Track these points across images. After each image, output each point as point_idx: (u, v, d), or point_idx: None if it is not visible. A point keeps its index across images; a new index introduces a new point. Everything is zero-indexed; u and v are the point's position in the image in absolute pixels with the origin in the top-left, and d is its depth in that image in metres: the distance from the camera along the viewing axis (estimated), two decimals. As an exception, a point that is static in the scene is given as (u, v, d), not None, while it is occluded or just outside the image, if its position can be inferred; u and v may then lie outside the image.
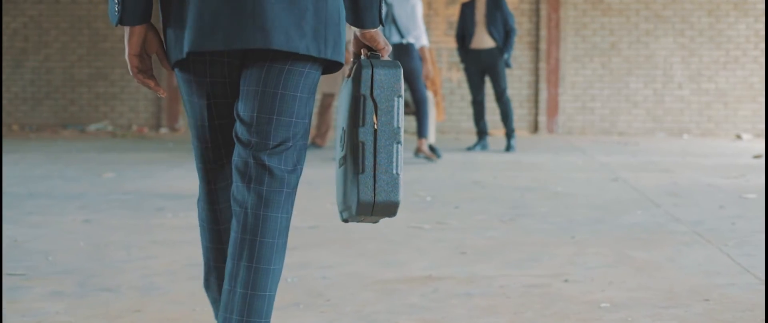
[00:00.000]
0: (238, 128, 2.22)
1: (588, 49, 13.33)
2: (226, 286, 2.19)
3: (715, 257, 4.08)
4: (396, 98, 2.26)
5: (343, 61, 2.33)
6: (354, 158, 2.23)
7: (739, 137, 12.83)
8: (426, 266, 3.89)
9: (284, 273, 3.63)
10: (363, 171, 2.21)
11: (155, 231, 4.74)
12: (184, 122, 13.53)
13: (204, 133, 2.31)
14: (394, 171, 2.23)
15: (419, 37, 8.52)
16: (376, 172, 2.22)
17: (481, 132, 10.09)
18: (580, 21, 13.31)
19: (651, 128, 13.28)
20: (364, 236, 4.57)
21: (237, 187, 2.21)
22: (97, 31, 13.60)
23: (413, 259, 4.03)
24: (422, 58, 8.72)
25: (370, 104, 2.24)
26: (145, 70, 2.23)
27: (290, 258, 3.93)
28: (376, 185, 2.22)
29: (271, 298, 2.18)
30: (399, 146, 2.25)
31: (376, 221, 2.34)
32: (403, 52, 8.39)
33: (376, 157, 2.23)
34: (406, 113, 9.40)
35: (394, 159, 2.24)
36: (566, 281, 3.60)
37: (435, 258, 4.06)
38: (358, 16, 2.33)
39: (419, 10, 8.48)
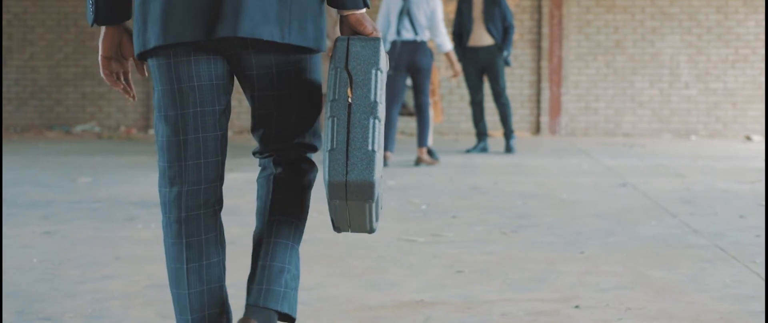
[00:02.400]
0: (260, 136, 2.26)
1: (592, 48, 12.88)
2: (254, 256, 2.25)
3: (744, 276, 3.63)
4: (374, 71, 2.04)
5: (311, 45, 2.16)
6: (326, 136, 2.02)
7: (748, 138, 12.38)
8: (418, 288, 3.44)
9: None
10: (334, 148, 2.00)
11: (120, 245, 4.30)
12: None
13: (179, 148, 2.17)
14: (370, 147, 2.00)
15: (443, 44, 8.17)
16: (349, 149, 2.00)
17: (481, 133, 9.65)
18: (583, 18, 12.86)
19: (657, 129, 12.83)
20: (350, 251, 4.12)
21: (261, 171, 2.31)
22: (84, 28, 13.12)
23: (403, 279, 3.59)
24: (450, 62, 8.37)
25: (343, 76, 2.04)
26: (117, 73, 2.22)
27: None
28: (349, 163, 1.99)
29: (294, 250, 2.22)
30: (376, 121, 2.01)
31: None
32: (416, 50, 8.00)
33: (349, 133, 2.00)
34: (401, 114, 8.96)
35: (370, 135, 2.00)
36: (577, 307, 3.16)
37: (428, 278, 3.61)
38: None
39: (440, 12, 8.05)
